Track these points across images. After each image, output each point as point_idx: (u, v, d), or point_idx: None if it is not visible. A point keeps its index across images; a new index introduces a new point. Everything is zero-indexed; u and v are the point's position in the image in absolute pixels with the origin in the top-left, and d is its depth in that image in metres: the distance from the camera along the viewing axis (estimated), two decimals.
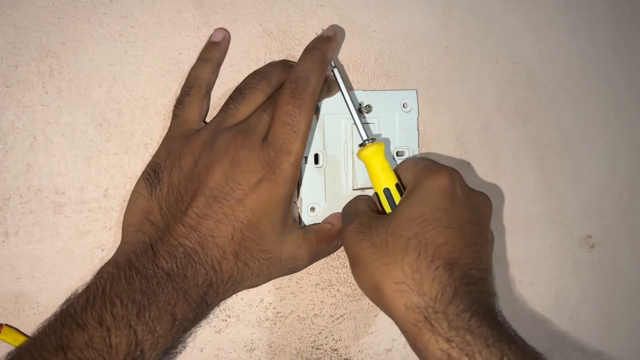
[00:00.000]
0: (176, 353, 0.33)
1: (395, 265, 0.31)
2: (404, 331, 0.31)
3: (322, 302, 0.42)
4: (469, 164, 0.46)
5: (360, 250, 0.33)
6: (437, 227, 0.32)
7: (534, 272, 0.49)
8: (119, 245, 0.33)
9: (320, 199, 0.39)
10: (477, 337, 0.28)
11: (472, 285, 0.31)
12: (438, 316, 0.29)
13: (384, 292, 0.32)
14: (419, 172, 0.36)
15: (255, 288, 0.38)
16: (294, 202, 0.39)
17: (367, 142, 0.37)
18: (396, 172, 0.38)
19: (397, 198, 0.36)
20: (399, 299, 0.31)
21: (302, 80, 0.33)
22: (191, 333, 0.33)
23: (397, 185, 0.37)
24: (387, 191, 0.36)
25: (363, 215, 0.36)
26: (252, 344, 0.40)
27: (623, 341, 0.54)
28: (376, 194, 0.37)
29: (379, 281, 0.32)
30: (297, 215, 0.39)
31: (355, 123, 0.37)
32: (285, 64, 0.38)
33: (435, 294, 0.30)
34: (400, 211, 0.34)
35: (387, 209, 0.37)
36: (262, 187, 0.32)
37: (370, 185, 0.39)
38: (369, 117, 0.41)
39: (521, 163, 0.48)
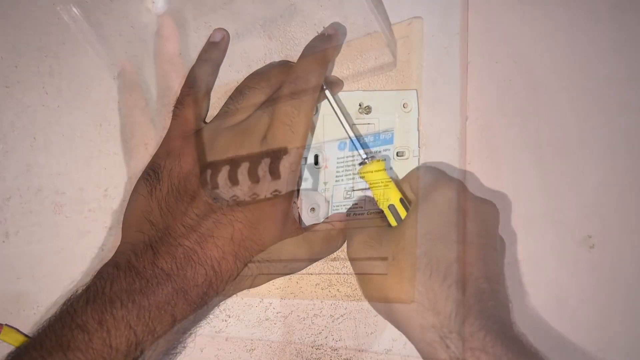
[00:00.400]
0: (176, 353, 0.33)
1: (409, 283, 0.31)
2: (419, 351, 0.31)
3: (322, 302, 0.42)
4: (468, 164, 0.46)
5: (369, 265, 0.33)
6: (447, 243, 0.31)
7: (534, 272, 0.49)
8: (119, 246, 0.33)
9: (320, 199, 0.39)
10: (492, 357, 0.28)
11: (484, 301, 0.30)
12: (453, 336, 0.29)
13: (397, 310, 0.31)
14: (426, 186, 0.35)
15: (255, 288, 0.38)
16: (294, 202, 0.39)
17: (367, 160, 0.37)
18: (402, 183, 0.38)
19: (402, 213, 0.36)
20: (414, 319, 0.30)
21: (302, 81, 0.33)
22: (191, 333, 0.33)
23: (401, 199, 0.36)
24: (392, 207, 0.36)
25: (371, 228, 0.35)
26: (252, 344, 0.40)
27: (623, 342, 0.54)
28: (381, 210, 0.37)
29: (391, 299, 0.31)
30: (297, 215, 0.39)
31: (353, 144, 0.37)
32: (285, 64, 0.38)
33: (449, 313, 0.29)
34: (408, 226, 0.33)
35: (393, 224, 0.36)
36: (262, 187, 0.32)
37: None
38: (368, 118, 0.41)
39: (521, 163, 0.48)
